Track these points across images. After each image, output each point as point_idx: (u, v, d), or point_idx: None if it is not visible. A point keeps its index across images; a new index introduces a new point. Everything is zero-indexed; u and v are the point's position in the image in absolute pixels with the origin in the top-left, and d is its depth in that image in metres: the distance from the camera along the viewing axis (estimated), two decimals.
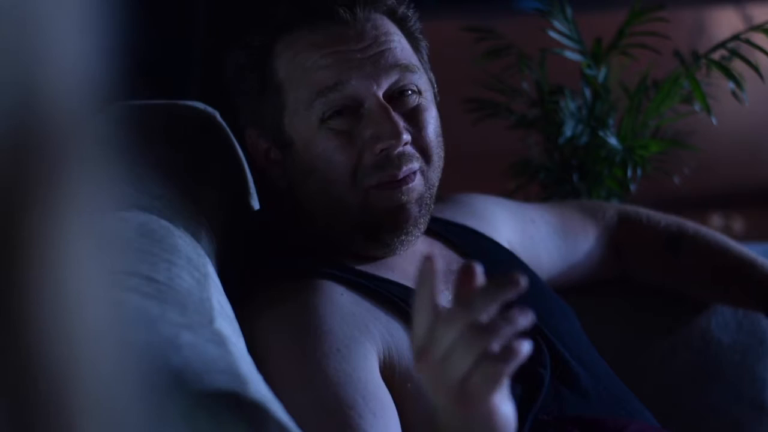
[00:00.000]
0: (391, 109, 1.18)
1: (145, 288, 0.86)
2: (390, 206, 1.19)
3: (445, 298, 1.21)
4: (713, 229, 1.56)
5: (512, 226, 1.44)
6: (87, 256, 0.43)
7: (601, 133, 1.91)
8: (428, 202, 1.22)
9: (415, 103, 1.21)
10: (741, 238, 2.86)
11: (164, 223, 1.10)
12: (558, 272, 1.47)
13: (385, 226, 1.20)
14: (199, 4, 1.88)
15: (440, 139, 1.24)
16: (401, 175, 1.18)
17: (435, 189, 1.24)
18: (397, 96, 1.20)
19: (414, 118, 1.21)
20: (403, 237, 1.21)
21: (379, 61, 1.19)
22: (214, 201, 1.23)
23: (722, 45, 1.86)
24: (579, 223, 1.51)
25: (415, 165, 1.19)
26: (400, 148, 1.18)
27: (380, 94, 1.19)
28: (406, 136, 1.18)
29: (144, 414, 0.64)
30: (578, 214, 1.52)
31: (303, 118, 1.19)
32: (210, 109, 1.30)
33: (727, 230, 2.88)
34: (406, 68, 1.20)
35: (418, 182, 1.20)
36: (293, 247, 1.23)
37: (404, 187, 1.19)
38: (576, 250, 1.49)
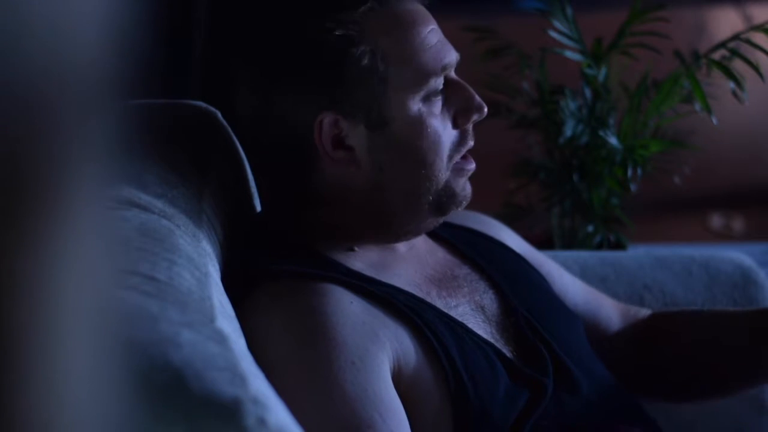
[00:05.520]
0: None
1: (145, 287, 0.86)
2: (462, 192, 1.22)
3: (446, 304, 1.21)
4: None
5: (522, 248, 1.42)
6: (88, 254, 0.43)
7: (601, 133, 1.91)
8: None
9: None
10: (741, 238, 2.87)
11: (165, 222, 1.09)
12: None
13: (450, 207, 1.22)
14: (200, 3, 1.88)
15: None
16: (470, 145, 1.22)
17: None
18: None
19: None
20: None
21: (448, 42, 1.22)
22: (214, 201, 1.23)
23: (722, 45, 1.86)
24: (607, 298, 1.48)
25: None
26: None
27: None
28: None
29: (144, 412, 0.64)
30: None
31: (408, 98, 1.17)
32: (211, 109, 1.30)
33: (727, 230, 2.88)
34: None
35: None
36: (293, 248, 1.22)
37: (468, 173, 1.22)
38: (599, 312, 1.45)
